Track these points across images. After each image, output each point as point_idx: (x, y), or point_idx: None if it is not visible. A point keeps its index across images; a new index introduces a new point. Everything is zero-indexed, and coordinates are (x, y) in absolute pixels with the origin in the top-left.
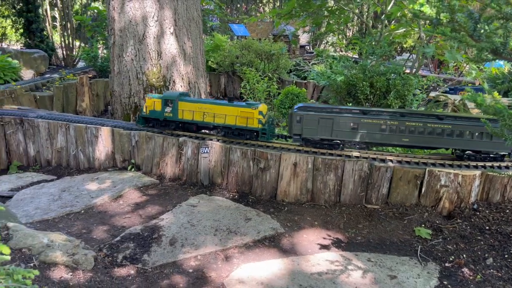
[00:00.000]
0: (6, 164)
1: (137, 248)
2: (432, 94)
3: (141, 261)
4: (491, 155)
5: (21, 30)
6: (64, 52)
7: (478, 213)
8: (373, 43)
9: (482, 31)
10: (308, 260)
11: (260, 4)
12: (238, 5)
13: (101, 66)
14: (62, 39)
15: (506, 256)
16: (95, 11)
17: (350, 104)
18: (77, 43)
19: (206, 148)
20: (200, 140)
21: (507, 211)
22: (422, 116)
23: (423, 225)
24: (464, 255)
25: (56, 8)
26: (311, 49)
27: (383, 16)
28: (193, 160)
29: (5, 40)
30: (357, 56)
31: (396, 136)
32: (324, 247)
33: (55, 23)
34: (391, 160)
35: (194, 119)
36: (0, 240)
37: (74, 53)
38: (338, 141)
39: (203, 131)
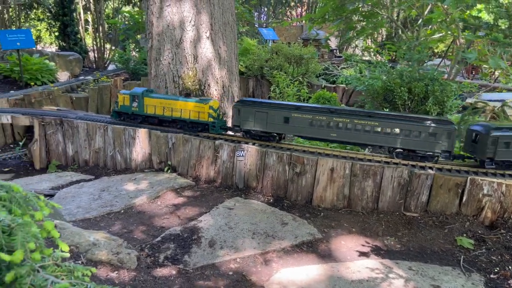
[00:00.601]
0: (46, 163)
1: (178, 248)
2: (469, 100)
3: (182, 262)
4: (421, 155)
5: (56, 33)
6: (96, 55)
7: None
8: (411, 48)
9: None
10: (348, 267)
11: (287, 8)
12: (265, 9)
13: (133, 68)
14: (94, 42)
15: None
16: (127, 15)
17: (387, 110)
18: (108, 46)
19: (242, 152)
20: (236, 144)
21: None
22: (351, 112)
23: (464, 235)
24: (510, 267)
25: (89, 12)
26: (338, 53)
27: (420, 20)
28: (228, 163)
29: (39, 43)
30: (384, 60)
31: (324, 130)
32: (363, 254)
33: (87, 26)
34: (431, 168)
35: (156, 113)
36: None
37: (105, 55)
38: (274, 134)
39: (229, 133)
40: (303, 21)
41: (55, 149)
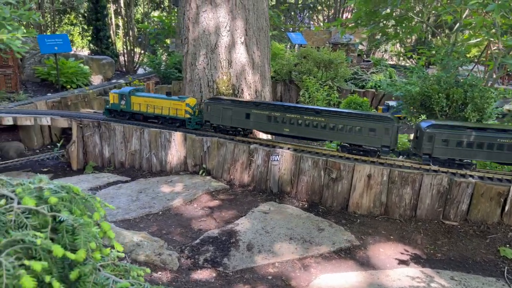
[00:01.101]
0: (83, 164)
1: (217, 251)
2: (507, 107)
3: (221, 265)
4: (364, 149)
5: (89, 38)
6: (126, 59)
7: None
8: (448, 53)
9: None
10: (388, 275)
11: (313, 12)
12: (292, 13)
13: (164, 72)
14: (124, 46)
15: None
16: (158, 20)
17: (424, 117)
18: (137, 50)
19: (277, 156)
20: (271, 148)
21: None
22: (302, 109)
23: (508, 245)
24: None
25: (119, 17)
26: (365, 57)
27: (458, 25)
28: (263, 167)
29: (72, 46)
30: (419, 65)
31: (278, 125)
32: (402, 262)
33: (117, 30)
34: (471, 176)
35: (141, 110)
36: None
37: (135, 59)
38: (239, 129)
39: (267, 136)
40: (334, 26)
41: (92, 150)
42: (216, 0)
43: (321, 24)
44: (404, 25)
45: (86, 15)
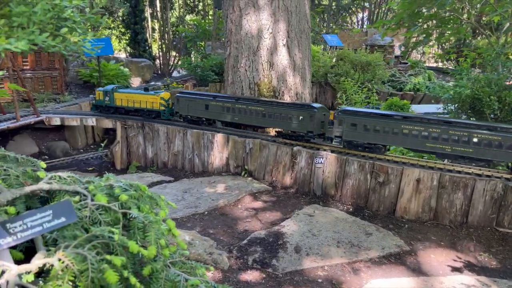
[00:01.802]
0: (126, 164)
1: (265, 252)
2: None
3: (270, 266)
4: (296, 135)
5: (127, 41)
6: (161, 62)
7: None
8: (498, 54)
9: None
10: (442, 282)
11: (347, 14)
12: (325, 15)
13: (201, 75)
14: (159, 49)
15: None
16: (195, 23)
17: (473, 119)
18: (173, 53)
19: (321, 159)
20: (315, 150)
21: None
22: (249, 100)
23: None
24: None
25: (156, 20)
26: (401, 59)
27: (508, 26)
28: (306, 169)
29: None
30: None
31: (230, 115)
32: (456, 269)
33: (153, 34)
34: None
35: (123, 105)
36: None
37: (170, 62)
38: (203, 119)
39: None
40: (375, 27)
41: (136, 150)
42: (259, 3)
43: (355, 26)
44: (449, 26)
45: (124, 18)
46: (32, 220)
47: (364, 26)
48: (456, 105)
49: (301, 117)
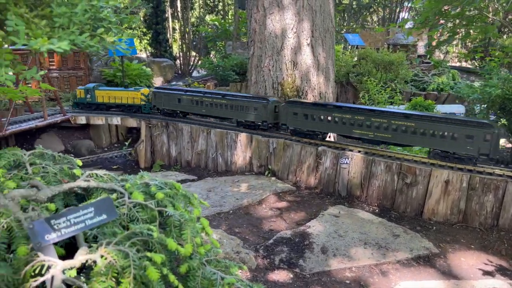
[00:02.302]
0: (150, 162)
1: (291, 252)
2: None
3: (297, 266)
4: (257, 124)
5: (149, 41)
6: (181, 61)
7: None
8: None
9: None
10: (473, 286)
11: (367, 13)
12: (345, 14)
13: (222, 75)
14: (180, 49)
15: None
16: (215, 23)
17: (504, 121)
18: (193, 53)
19: (347, 159)
20: (340, 151)
21: None
22: (213, 94)
23: None
24: None
25: (176, 20)
26: (426, 58)
27: None
28: (331, 170)
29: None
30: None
31: (198, 107)
32: (487, 273)
33: (174, 34)
34: None
35: (104, 101)
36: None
37: (190, 62)
38: (177, 111)
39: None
40: (399, 26)
41: (160, 149)
42: (283, 2)
43: (375, 25)
44: (477, 25)
45: (145, 18)
46: (75, 216)
47: (386, 25)
48: (485, 105)
49: (255, 108)
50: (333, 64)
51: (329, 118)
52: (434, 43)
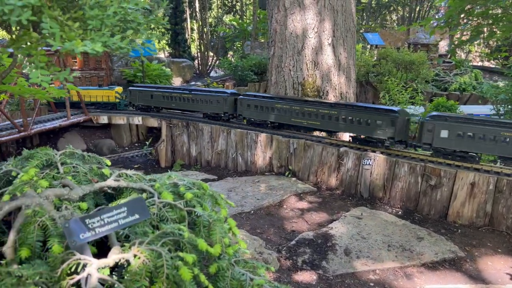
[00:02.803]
0: (171, 162)
1: (314, 254)
2: None
3: (321, 268)
4: (219, 115)
5: (167, 41)
6: (199, 62)
7: None
8: None
9: None
10: None
11: (387, 12)
12: (364, 14)
13: (240, 75)
14: (198, 49)
15: None
16: (233, 23)
17: None
18: (211, 54)
19: (369, 160)
20: (362, 152)
21: None
22: (181, 89)
23: None
24: None
25: (194, 21)
26: (447, 58)
27: None
28: (353, 171)
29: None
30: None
31: (168, 102)
32: None
33: (192, 34)
34: None
35: (78, 100)
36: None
37: (208, 62)
38: (151, 106)
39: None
40: (421, 25)
41: (180, 149)
42: (305, 2)
43: (394, 24)
44: (502, 24)
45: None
46: (108, 216)
47: (406, 24)
48: (510, 106)
49: (217, 101)
50: (354, 64)
51: (273, 108)
52: (456, 42)
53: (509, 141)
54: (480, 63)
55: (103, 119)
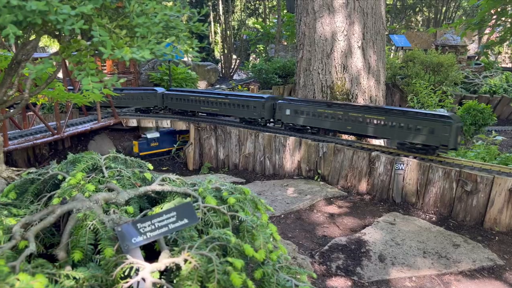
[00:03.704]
0: (198, 165)
1: (348, 260)
2: None
3: (355, 274)
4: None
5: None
6: (223, 65)
7: None
8: None
9: None
10: None
11: (412, 13)
12: (391, 15)
13: (265, 78)
14: (221, 52)
15: None
16: (258, 26)
17: None
18: (234, 56)
19: (402, 165)
20: (395, 156)
21: None
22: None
23: None
24: None
25: (218, 24)
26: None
27: None
28: (385, 176)
29: None
30: None
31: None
32: None
33: (216, 37)
34: None
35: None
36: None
37: (232, 65)
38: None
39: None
40: (450, 26)
41: (208, 152)
42: (334, 5)
43: (420, 25)
44: None
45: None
46: (159, 220)
47: (431, 25)
48: None
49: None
50: (384, 67)
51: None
52: (489, 45)
53: (341, 118)
54: (510, 65)
55: (133, 122)
